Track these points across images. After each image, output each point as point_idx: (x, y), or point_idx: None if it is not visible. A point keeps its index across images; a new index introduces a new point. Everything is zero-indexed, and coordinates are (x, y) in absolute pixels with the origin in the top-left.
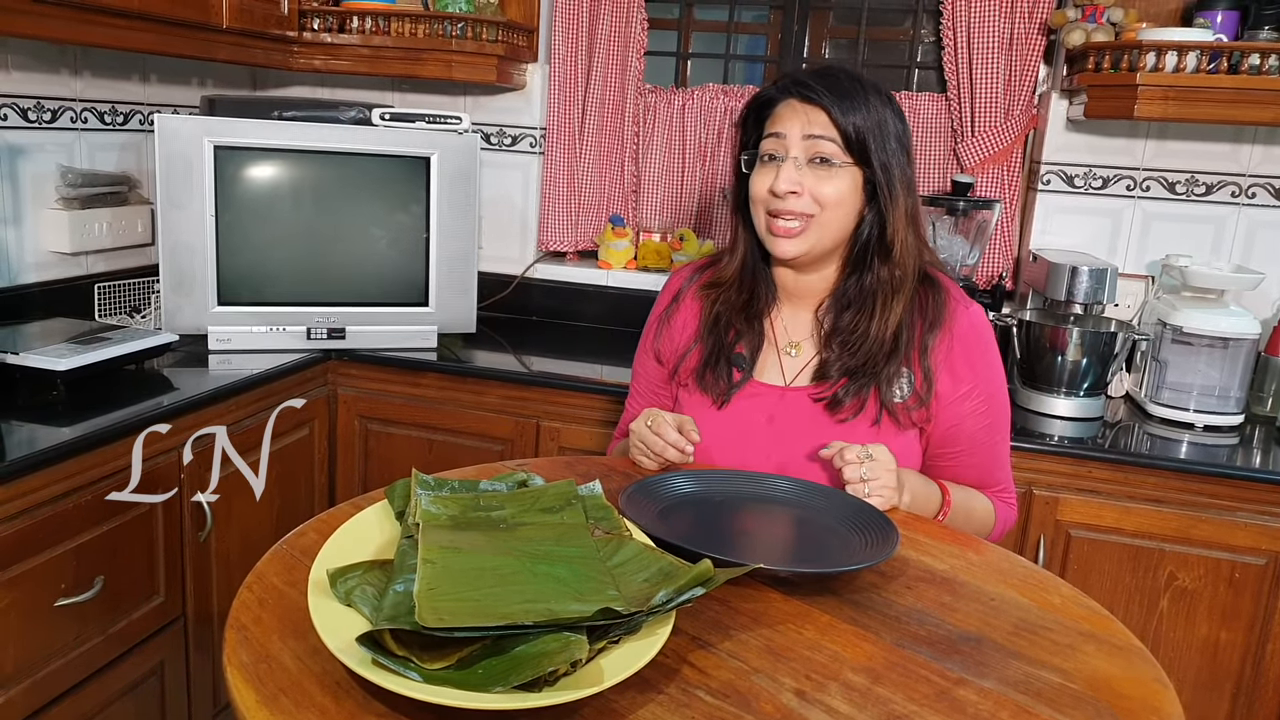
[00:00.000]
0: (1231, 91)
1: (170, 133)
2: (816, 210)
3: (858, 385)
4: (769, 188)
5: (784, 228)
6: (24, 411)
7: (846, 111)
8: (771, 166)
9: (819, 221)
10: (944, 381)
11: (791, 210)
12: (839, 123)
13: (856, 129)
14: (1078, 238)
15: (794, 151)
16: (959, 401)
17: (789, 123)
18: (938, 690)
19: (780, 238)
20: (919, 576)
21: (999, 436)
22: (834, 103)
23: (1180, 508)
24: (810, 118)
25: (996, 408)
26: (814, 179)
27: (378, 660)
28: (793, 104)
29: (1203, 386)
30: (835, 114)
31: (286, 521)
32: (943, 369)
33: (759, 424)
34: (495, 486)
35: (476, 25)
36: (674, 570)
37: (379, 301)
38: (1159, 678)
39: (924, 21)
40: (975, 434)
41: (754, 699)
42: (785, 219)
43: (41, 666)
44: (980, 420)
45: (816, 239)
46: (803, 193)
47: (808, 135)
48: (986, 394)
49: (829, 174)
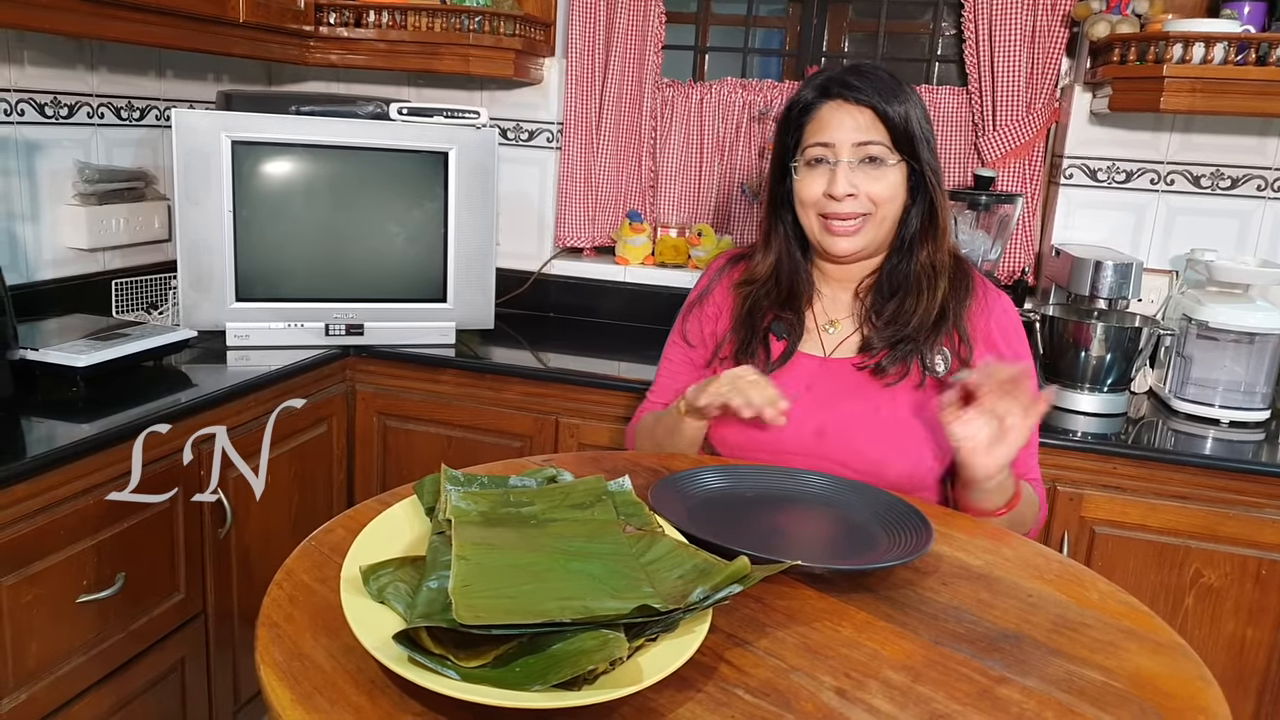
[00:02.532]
0: (1260, 84)
1: (188, 128)
2: (872, 209)
3: (902, 353)
4: (824, 192)
5: (841, 227)
6: (44, 408)
7: (893, 106)
8: (822, 170)
9: (875, 219)
10: (985, 357)
11: (850, 212)
12: (887, 121)
13: (904, 125)
14: (1101, 232)
15: (845, 155)
16: (986, 347)
17: (837, 125)
18: (979, 689)
19: (838, 236)
20: (954, 573)
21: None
22: (880, 101)
23: (1206, 504)
24: (858, 119)
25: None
26: (866, 179)
27: (415, 658)
28: (838, 105)
29: (1228, 382)
30: (883, 112)
31: (305, 518)
32: (981, 342)
33: (798, 391)
34: (524, 482)
35: (494, 19)
36: (709, 567)
37: (397, 298)
38: (1203, 675)
39: (944, 14)
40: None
41: (794, 698)
42: (840, 219)
43: (64, 662)
44: None
45: (873, 235)
46: (858, 194)
47: (857, 140)
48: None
49: (880, 173)
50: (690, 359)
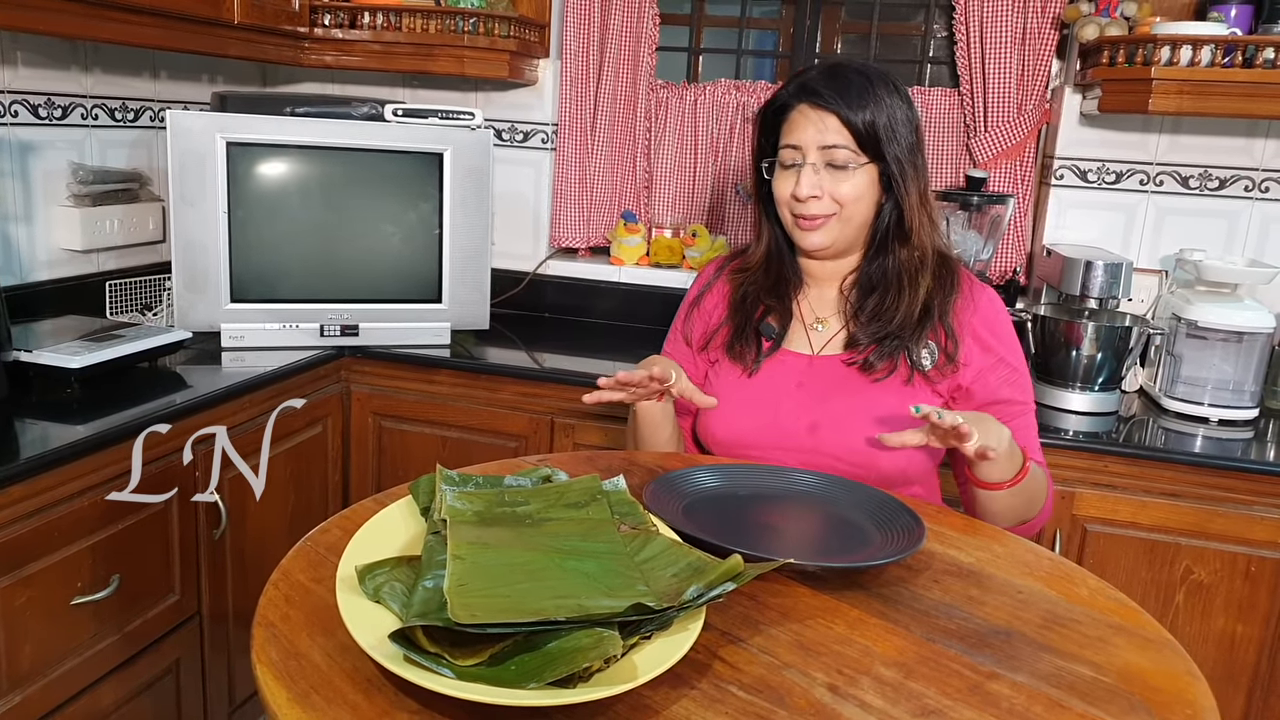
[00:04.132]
0: (1246, 85)
1: (183, 129)
2: (837, 209)
3: (889, 349)
4: (791, 193)
5: (808, 224)
6: (38, 409)
7: (857, 113)
8: (791, 172)
9: (841, 217)
10: (973, 351)
11: (815, 213)
12: (851, 126)
13: (868, 129)
14: (1091, 232)
15: (810, 158)
16: (990, 370)
17: (803, 131)
18: (970, 684)
19: (806, 231)
20: (945, 570)
21: (1031, 409)
22: (843, 106)
23: (1196, 502)
24: (823, 124)
25: (1024, 381)
26: (832, 181)
27: (410, 657)
28: (805, 110)
29: (1217, 380)
30: (846, 117)
31: (301, 519)
32: (968, 337)
33: (789, 389)
34: (519, 482)
35: (488, 21)
36: (703, 565)
37: (392, 298)
38: (1190, 670)
39: (936, 16)
40: (1010, 401)
41: (787, 694)
42: (808, 219)
43: (58, 664)
44: (1013, 389)
45: (840, 231)
46: (823, 195)
47: (822, 145)
48: (1013, 365)
49: (845, 175)
50: (689, 357)
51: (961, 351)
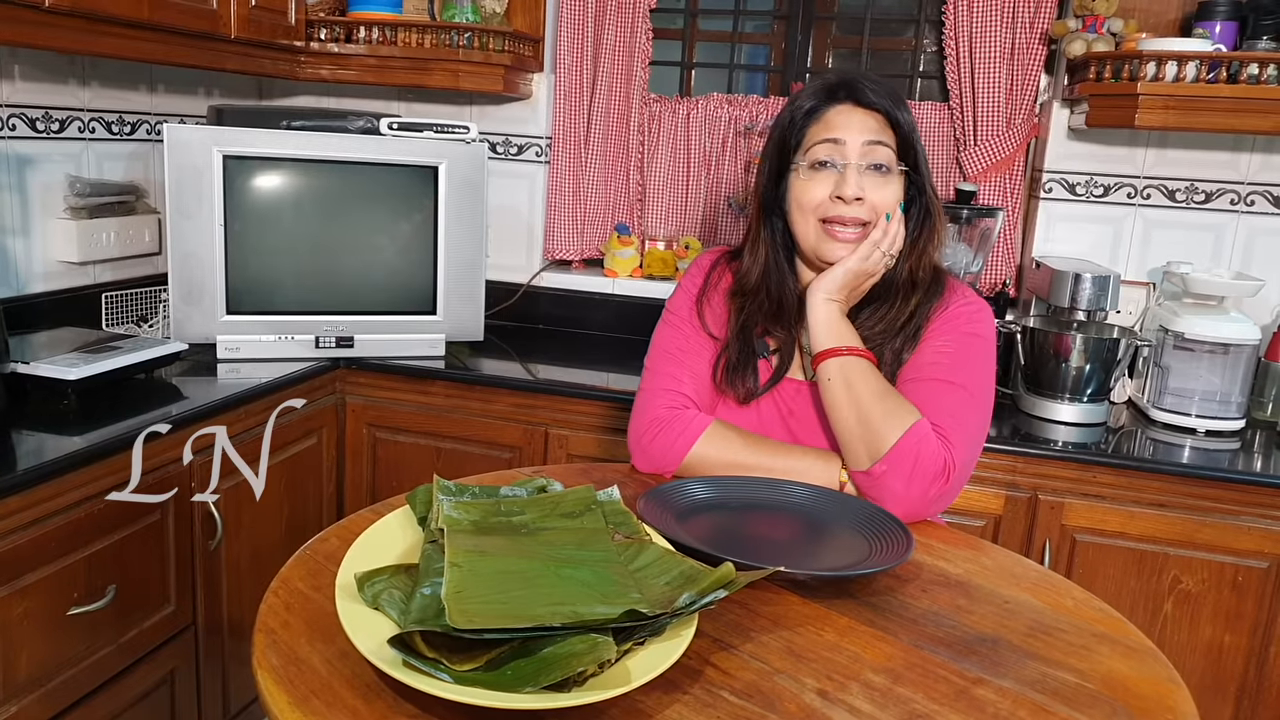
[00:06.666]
0: (1231, 101)
1: (180, 143)
2: (872, 218)
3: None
4: (830, 194)
5: (844, 233)
6: (35, 421)
7: (901, 114)
8: (825, 173)
9: (868, 231)
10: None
11: (854, 217)
12: (896, 125)
13: (910, 131)
14: (1080, 245)
15: (853, 156)
16: (929, 338)
17: (846, 128)
18: (957, 690)
19: (839, 243)
20: (933, 580)
21: (958, 388)
22: (891, 106)
23: (1184, 512)
24: (868, 121)
25: (966, 366)
26: (872, 185)
27: (409, 662)
28: (846, 108)
29: (1204, 392)
30: (893, 115)
31: (296, 530)
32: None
33: (780, 417)
34: (515, 492)
35: (483, 35)
36: (695, 573)
37: (387, 310)
38: (1172, 677)
39: (926, 31)
40: (933, 364)
41: (778, 699)
42: (844, 225)
43: (54, 675)
44: (944, 357)
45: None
46: (865, 199)
47: (869, 141)
48: (959, 350)
49: (884, 181)
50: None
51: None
